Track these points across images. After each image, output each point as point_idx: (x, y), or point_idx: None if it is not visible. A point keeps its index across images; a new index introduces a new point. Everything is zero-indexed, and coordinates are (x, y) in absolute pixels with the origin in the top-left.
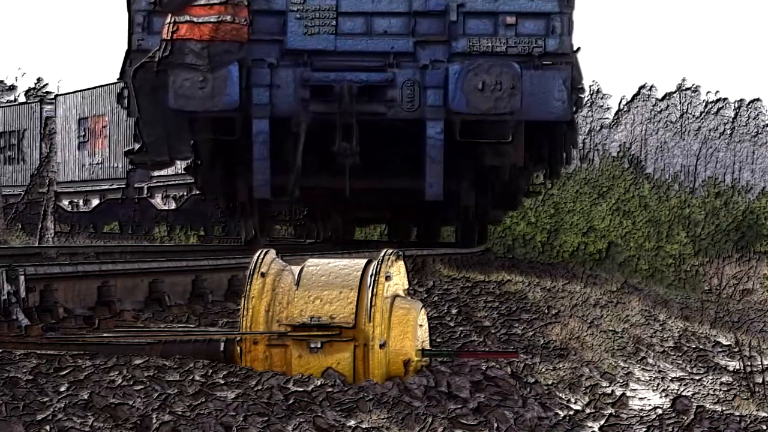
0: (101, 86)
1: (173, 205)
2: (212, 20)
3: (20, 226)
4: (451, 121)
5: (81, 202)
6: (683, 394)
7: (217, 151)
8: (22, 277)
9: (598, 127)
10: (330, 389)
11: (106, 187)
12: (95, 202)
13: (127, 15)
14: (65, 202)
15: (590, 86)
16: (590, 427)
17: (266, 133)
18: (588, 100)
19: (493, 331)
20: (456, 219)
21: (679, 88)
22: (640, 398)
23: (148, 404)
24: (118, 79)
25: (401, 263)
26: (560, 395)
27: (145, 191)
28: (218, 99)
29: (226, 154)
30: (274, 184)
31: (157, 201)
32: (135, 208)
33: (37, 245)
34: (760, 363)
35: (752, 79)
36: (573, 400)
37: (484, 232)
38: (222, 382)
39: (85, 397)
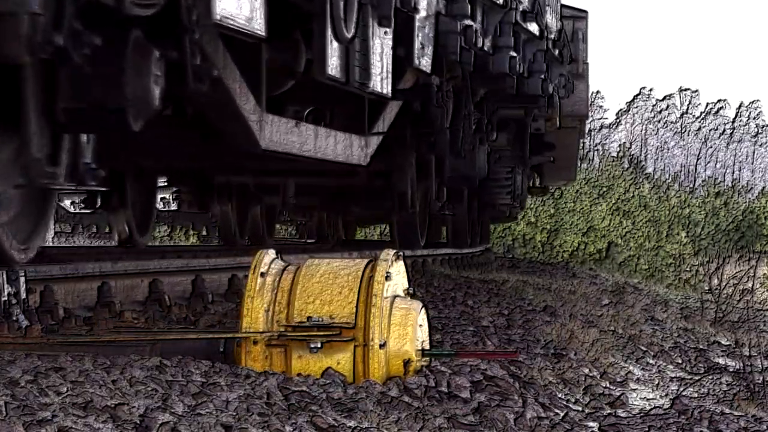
0: None
1: None
2: None
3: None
4: None
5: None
6: (683, 394)
7: None
8: (22, 279)
9: (598, 127)
10: (330, 389)
11: None
12: None
13: None
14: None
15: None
16: (590, 427)
17: None
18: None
19: (493, 331)
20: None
21: (680, 90)
22: (640, 398)
23: (148, 404)
24: None
25: (401, 263)
26: (560, 395)
27: None
28: None
29: None
30: None
31: None
32: None
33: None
34: (760, 363)
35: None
36: (573, 400)
37: (484, 230)
38: (222, 382)
39: (85, 397)
